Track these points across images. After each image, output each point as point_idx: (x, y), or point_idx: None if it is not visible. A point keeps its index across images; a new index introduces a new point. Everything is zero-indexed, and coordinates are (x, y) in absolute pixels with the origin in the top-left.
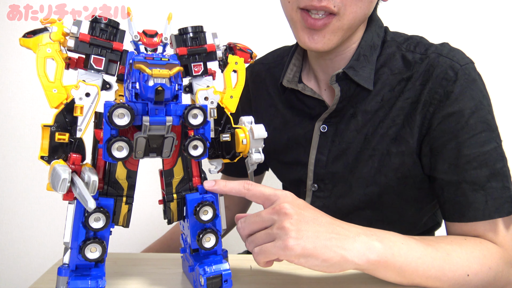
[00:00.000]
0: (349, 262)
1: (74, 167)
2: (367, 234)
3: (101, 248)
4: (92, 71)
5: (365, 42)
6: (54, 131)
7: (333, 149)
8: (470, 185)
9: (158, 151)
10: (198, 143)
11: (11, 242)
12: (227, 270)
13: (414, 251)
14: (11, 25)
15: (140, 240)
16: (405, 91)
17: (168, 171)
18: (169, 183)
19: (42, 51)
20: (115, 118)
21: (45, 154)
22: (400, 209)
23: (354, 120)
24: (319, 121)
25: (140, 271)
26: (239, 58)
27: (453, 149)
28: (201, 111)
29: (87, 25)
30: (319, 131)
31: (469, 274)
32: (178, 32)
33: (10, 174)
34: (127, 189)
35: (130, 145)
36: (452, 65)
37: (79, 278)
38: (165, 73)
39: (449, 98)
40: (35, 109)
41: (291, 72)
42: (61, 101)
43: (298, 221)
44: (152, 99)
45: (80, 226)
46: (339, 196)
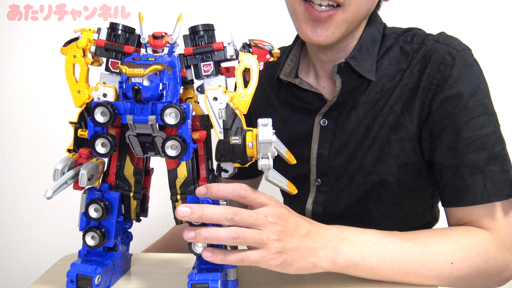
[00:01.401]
0: (319, 267)
1: (81, 160)
2: (338, 238)
3: (98, 237)
4: (108, 73)
5: (366, 35)
6: (78, 128)
7: (334, 142)
8: (469, 168)
9: (156, 150)
10: (175, 143)
11: (11, 242)
12: (215, 281)
13: (388, 250)
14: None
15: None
16: (403, 79)
17: (172, 171)
18: (173, 183)
19: (69, 57)
20: (96, 115)
21: (71, 148)
22: (398, 199)
23: (354, 112)
24: (319, 115)
25: (140, 271)
26: (251, 55)
27: (451, 133)
28: (176, 110)
29: (105, 31)
30: (319, 125)
31: (453, 262)
32: (189, 31)
33: (10, 174)
34: (134, 185)
35: (112, 142)
36: (449, 50)
37: (83, 262)
38: (139, 72)
39: (447, 82)
40: (35, 109)
41: (288, 68)
42: (84, 101)
43: (284, 233)
44: (131, 97)
45: (82, 215)
46: (341, 189)
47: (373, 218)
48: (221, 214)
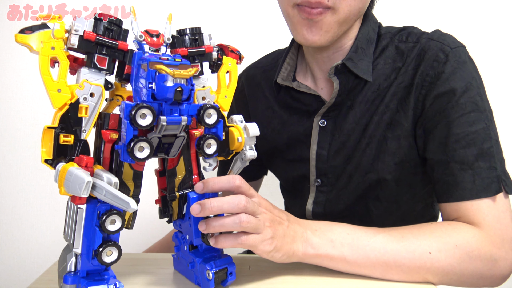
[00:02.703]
0: (294, 256)
1: (88, 170)
2: (312, 230)
3: (117, 251)
4: (94, 70)
5: (362, 35)
6: (59, 133)
7: (333, 143)
8: (459, 164)
9: (166, 151)
10: (212, 141)
11: (11, 242)
12: (232, 263)
13: (361, 239)
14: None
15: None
16: (398, 77)
17: (172, 171)
18: (172, 182)
19: (45, 49)
20: (138, 118)
21: (49, 158)
22: (397, 197)
23: (351, 112)
24: (318, 116)
25: (140, 271)
26: (232, 59)
27: (443, 128)
28: (215, 111)
29: (91, 23)
30: (318, 126)
31: (430, 251)
32: (177, 33)
33: (10, 174)
34: (133, 190)
35: (151, 145)
36: (442, 47)
37: (94, 284)
38: (186, 74)
39: (440, 78)
40: (35, 109)
41: (285, 71)
42: (65, 102)
43: (273, 222)
44: (170, 99)
45: (97, 231)
46: (340, 188)
47: (373, 217)
48: (232, 204)
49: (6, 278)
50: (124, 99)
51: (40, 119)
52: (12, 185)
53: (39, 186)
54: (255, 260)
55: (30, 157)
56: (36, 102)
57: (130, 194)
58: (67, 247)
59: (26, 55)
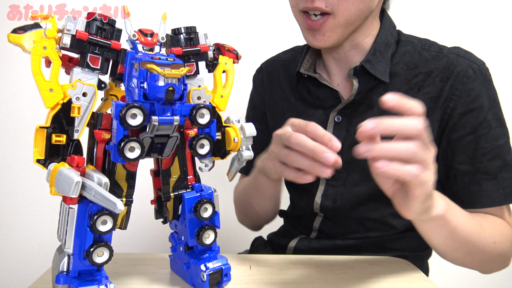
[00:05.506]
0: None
1: (79, 170)
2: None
3: (108, 251)
4: (87, 69)
5: (380, 39)
6: (51, 133)
7: (347, 138)
8: (484, 175)
9: (160, 151)
10: (205, 142)
11: (11, 242)
12: (227, 265)
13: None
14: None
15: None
16: (424, 86)
17: (166, 171)
18: (167, 182)
19: (37, 49)
20: (128, 118)
21: (41, 157)
22: None
23: (370, 111)
24: (334, 111)
25: (139, 271)
26: (229, 58)
27: (471, 142)
28: (207, 110)
29: (84, 22)
30: (334, 121)
31: (495, 242)
32: (171, 32)
33: (10, 174)
34: (127, 190)
35: (141, 145)
36: (471, 65)
37: (85, 284)
38: (177, 74)
39: (470, 95)
40: (35, 109)
41: (307, 63)
42: (58, 101)
43: None
44: (161, 99)
45: (88, 231)
46: (355, 184)
47: (384, 214)
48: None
49: (6, 278)
50: (118, 99)
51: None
52: (12, 185)
53: (39, 186)
54: (255, 260)
55: (30, 157)
56: (36, 102)
57: (124, 194)
58: (60, 247)
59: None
